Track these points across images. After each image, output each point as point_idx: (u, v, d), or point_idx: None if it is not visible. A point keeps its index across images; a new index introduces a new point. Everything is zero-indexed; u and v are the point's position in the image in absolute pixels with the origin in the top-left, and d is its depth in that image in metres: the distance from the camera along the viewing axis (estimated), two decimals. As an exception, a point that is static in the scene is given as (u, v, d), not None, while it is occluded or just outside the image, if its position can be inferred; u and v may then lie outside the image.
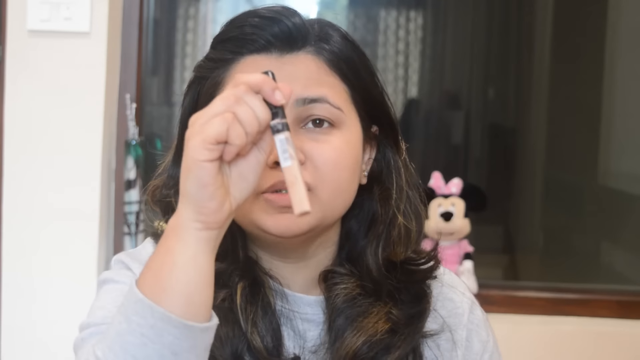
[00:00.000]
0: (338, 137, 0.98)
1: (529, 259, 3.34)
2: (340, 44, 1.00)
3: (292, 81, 0.95)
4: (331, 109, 0.97)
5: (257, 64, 0.97)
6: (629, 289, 2.75)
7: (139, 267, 1.01)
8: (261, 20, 0.97)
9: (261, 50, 0.97)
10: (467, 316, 1.09)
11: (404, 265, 1.05)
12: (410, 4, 3.41)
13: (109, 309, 0.97)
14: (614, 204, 3.17)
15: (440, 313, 1.07)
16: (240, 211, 0.98)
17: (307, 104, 0.96)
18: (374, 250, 1.04)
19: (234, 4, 3.46)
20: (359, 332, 0.98)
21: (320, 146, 0.97)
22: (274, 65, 0.96)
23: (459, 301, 1.10)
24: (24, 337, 2.35)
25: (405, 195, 1.06)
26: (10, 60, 2.33)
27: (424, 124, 3.33)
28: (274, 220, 0.96)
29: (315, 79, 0.97)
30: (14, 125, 2.34)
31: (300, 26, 0.98)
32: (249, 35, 0.97)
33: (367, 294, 1.01)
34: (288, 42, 0.97)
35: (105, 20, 2.33)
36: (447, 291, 1.10)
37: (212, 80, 1.00)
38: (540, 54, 3.33)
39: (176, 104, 3.30)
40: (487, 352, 1.10)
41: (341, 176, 0.98)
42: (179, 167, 1.02)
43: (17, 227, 2.35)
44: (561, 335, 2.51)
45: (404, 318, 1.01)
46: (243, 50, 0.98)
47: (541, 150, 3.31)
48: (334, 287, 1.02)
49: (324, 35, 1.00)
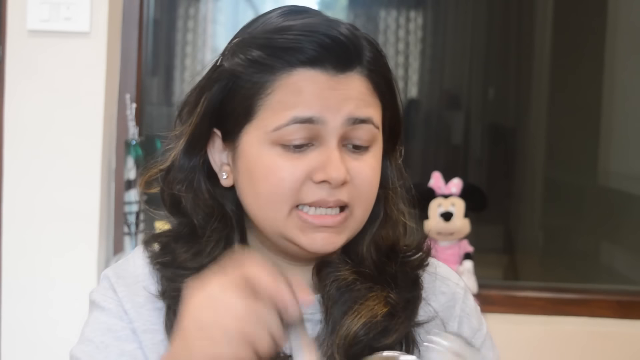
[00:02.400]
0: (372, 156, 1.00)
1: (529, 259, 3.34)
2: (379, 61, 1.01)
3: (346, 101, 0.96)
4: (373, 130, 0.99)
5: (313, 80, 0.96)
6: (629, 289, 2.75)
7: (125, 290, 1.02)
8: (308, 32, 0.96)
9: (314, 62, 0.96)
10: (460, 306, 1.10)
11: (398, 255, 1.06)
12: (410, 4, 3.41)
13: (96, 344, 1.00)
14: (614, 204, 3.17)
15: (433, 306, 1.07)
16: (271, 224, 0.99)
17: (356, 123, 0.97)
18: (371, 239, 1.05)
19: (234, 4, 3.46)
20: (358, 315, 0.98)
21: (359, 165, 0.98)
22: (329, 83, 0.96)
23: (451, 293, 1.10)
24: (24, 337, 2.35)
25: (399, 194, 1.08)
26: (10, 60, 2.33)
27: (424, 124, 3.33)
28: (309, 238, 0.98)
29: (365, 100, 0.98)
30: (14, 125, 2.34)
31: (351, 38, 0.97)
32: (298, 46, 0.96)
33: (363, 279, 1.02)
34: (341, 56, 0.97)
35: (105, 20, 2.33)
36: (439, 284, 1.10)
37: (254, 85, 0.97)
38: (540, 54, 3.33)
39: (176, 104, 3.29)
40: (478, 340, 1.10)
41: (374, 193, 1.01)
42: (192, 159, 1.03)
43: (17, 227, 2.35)
44: (561, 335, 2.51)
45: (402, 301, 1.02)
46: (293, 60, 0.96)
47: (541, 150, 3.31)
48: (328, 276, 1.02)
49: (369, 52, 0.99)
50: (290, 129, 0.95)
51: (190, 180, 1.04)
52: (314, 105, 0.95)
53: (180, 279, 1.00)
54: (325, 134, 0.96)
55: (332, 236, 0.98)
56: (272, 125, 0.96)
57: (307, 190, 0.96)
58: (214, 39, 3.38)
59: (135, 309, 1.01)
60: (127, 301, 1.01)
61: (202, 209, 1.03)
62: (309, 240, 0.98)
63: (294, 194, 0.96)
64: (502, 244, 3.37)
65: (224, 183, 1.03)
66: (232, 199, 1.03)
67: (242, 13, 3.47)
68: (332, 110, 0.96)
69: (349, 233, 1.00)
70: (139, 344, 0.99)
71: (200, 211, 1.03)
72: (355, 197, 0.98)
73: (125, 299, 1.01)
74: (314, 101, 0.95)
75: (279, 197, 0.96)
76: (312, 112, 0.95)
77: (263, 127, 0.97)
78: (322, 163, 0.96)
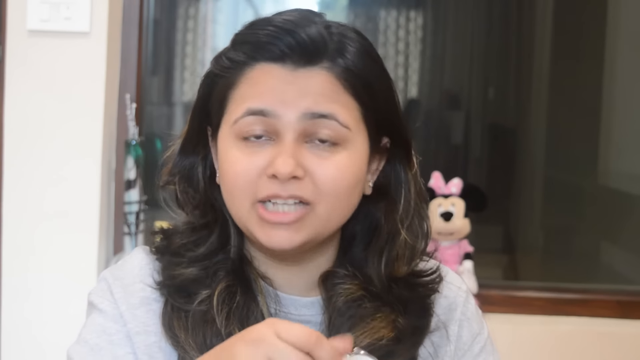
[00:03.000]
0: (342, 156, 0.97)
1: (529, 259, 3.34)
2: (358, 60, 0.98)
3: (304, 96, 0.95)
4: (338, 128, 0.96)
5: (271, 74, 0.96)
6: (629, 289, 2.75)
7: (122, 291, 1.03)
8: (277, 30, 0.96)
9: (276, 59, 0.96)
10: (460, 309, 1.09)
11: (407, 280, 1.04)
12: (410, 4, 3.41)
13: (90, 346, 1.00)
14: (614, 204, 3.17)
15: (436, 312, 1.06)
16: (238, 218, 1.00)
17: (315, 118, 0.96)
18: (376, 264, 1.03)
19: (234, 4, 3.46)
20: (363, 334, 0.98)
21: (322, 163, 0.96)
22: (287, 78, 0.96)
23: (453, 297, 1.09)
24: (24, 337, 2.35)
25: (412, 210, 1.05)
26: (10, 60, 2.33)
27: (424, 124, 3.33)
28: (266, 234, 0.97)
29: (327, 95, 0.96)
30: (14, 125, 2.34)
31: (317, 39, 0.96)
32: (265, 44, 0.96)
33: (371, 297, 1.01)
34: (304, 55, 0.96)
35: (105, 20, 2.33)
36: (443, 289, 1.09)
37: (225, 80, 1.00)
38: (540, 54, 3.33)
39: (176, 104, 3.30)
40: (478, 344, 1.09)
41: (340, 193, 0.97)
42: (187, 157, 1.05)
43: (17, 227, 2.34)
44: (561, 335, 2.51)
45: (409, 328, 1.00)
46: (257, 56, 0.97)
47: (541, 150, 3.31)
48: (335, 287, 1.01)
49: (342, 50, 0.98)
50: (245, 121, 0.96)
51: (182, 174, 1.05)
52: (266, 98, 0.96)
53: (175, 267, 1.01)
54: (281, 128, 0.96)
55: (289, 234, 0.97)
56: (233, 118, 0.98)
57: (262, 185, 0.96)
58: (214, 39, 3.38)
59: (130, 310, 1.01)
60: (123, 303, 1.02)
61: (191, 201, 1.05)
62: (265, 236, 0.97)
63: (250, 187, 0.96)
64: (502, 244, 3.36)
65: (218, 181, 1.03)
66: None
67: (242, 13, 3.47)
68: (287, 104, 0.95)
69: (309, 231, 0.97)
70: (131, 348, 1.00)
71: (189, 203, 1.05)
72: (315, 194, 0.96)
73: (120, 300, 1.02)
74: (267, 93, 0.96)
75: (238, 191, 0.97)
76: (264, 105, 0.96)
77: (229, 120, 0.99)
78: (274, 157, 0.95)
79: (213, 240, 1.03)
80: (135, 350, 1.00)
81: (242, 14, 3.45)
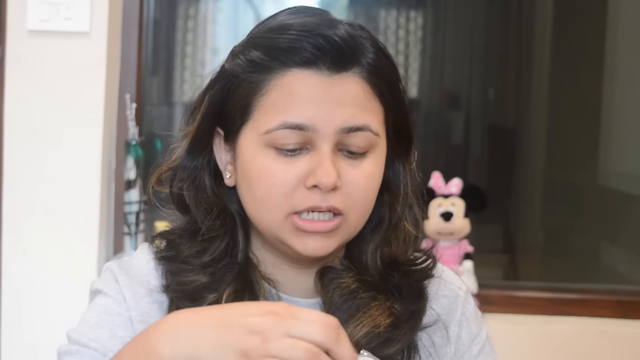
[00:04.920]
0: (371, 162, 0.98)
1: (529, 259, 3.34)
2: (379, 60, 0.99)
3: (340, 107, 0.95)
4: (371, 137, 0.97)
5: (306, 83, 0.95)
6: (629, 289, 2.75)
7: (127, 279, 1.03)
8: (303, 32, 0.95)
9: (309, 64, 0.95)
10: (460, 310, 1.10)
11: (403, 266, 1.05)
12: (410, 4, 3.41)
13: (89, 324, 1.00)
14: (614, 204, 3.17)
15: (435, 309, 1.07)
16: (267, 226, 0.99)
17: (351, 132, 0.96)
18: (374, 248, 1.04)
19: (234, 4, 3.46)
20: (361, 324, 0.98)
21: (354, 172, 0.97)
22: (322, 86, 0.95)
23: (453, 297, 1.10)
24: (24, 337, 2.35)
25: (408, 202, 1.07)
26: (10, 60, 2.33)
27: (424, 124, 3.33)
28: (302, 242, 0.97)
29: (361, 105, 0.97)
30: (14, 125, 2.34)
31: (347, 40, 0.96)
32: (294, 48, 0.95)
33: (367, 287, 1.01)
34: (337, 59, 0.95)
35: (105, 20, 2.33)
36: (443, 288, 1.10)
37: (250, 84, 0.97)
38: (540, 54, 3.33)
39: (176, 104, 3.30)
40: (477, 345, 1.09)
41: (369, 199, 1.00)
42: (195, 158, 1.03)
43: (17, 227, 2.35)
44: (561, 335, 2.51)
45: (406, 313, 1.01)
46: (287, 62, 0.95)
47: (541, 150, 3.31)
48: (331, 282, 1.02)
49: (365, 50, 0.97)
50: (280, 134, 0.95)
51: (193, 178, 1.04)
52: (304, 112, 0.94)
53: (184, 273, 1.00)
54: (318, 139, 0.95)
55: (324, 241, 0.97)
56: (264, 128, 0.96)
57: (300, 196, 0.95)
58: (214, 39, 3.38)
59: (135, 298, 1.01)
60: (128, 290, 1.02)
61: (203, 206, 1.03)
62: (302, 245, 0.97)
63: (287, 199, 0.96)
64: (502, 244, 3.36)
65: (227, 182, 1.03)
66: (236, 199, 1.03)
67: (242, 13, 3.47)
68: (324, 119, 0.94)
69: (341, 238, 0.99)
70: (132, 332, 0.99)
71: (201, 208, 1.03)
72: (348, 204, 0.97)
73: (125, 287, 1.02)
74: (304, 107, 0.94)
75: (273, 202, 0.96)
76: (302, 120, 0.94)
77: (257, 128, 0.97)
78: (313, 168, 0.95)
79: (221, 246, 1.02)
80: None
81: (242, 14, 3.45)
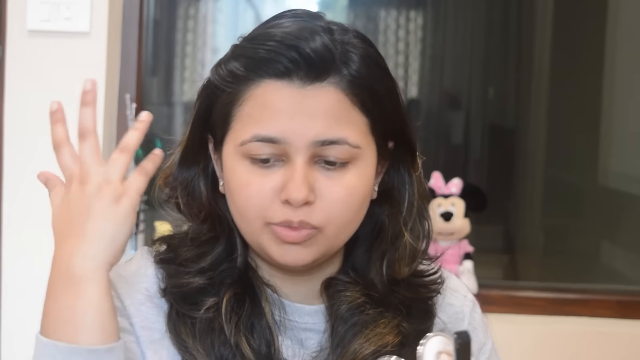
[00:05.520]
0: (351, 174, 0.95)
1: (529, 259, 3.34)
2: (363, 68, 0.95)
3: (313, 120, 0.92)
4: (349, 149, 0.94)
5: (278, 94, 0.93)
6: (629, 289, 2.75)
7: (126, 287, 1.02)
8: (279, 45, 0.93)
9: (281, 75, 0.93)
10: (468, 319, 1.09)
11: (409, 279, 1.04)
12: (410, 4, 3.41)
13: None
14: (614, 204, 3.17)
15: (442, 319, 1.06)
16: (249, 235, 0.98)
17: (325, 145, 0.93)
18: (379, 266, 1.02)
19: (234, 4, 3.46)
20: (368, 341, 0.97)
21: (332, 185, 0.94)
22: (295, 98, 0.93)
23: (459, 305, 1.09)
24: (24, 337, 2.34)
25: (415, 212, 1.04)
26: (10, 60, 2.33)
27: (424, 124, 3.33)
28: (280, 251, 0.96)
29: (337, 117, 0.93)
30: (14, 125, 2.34)
31: (322, 52, 0.93)
32: (267, 60, 0.93)
33: (374, 303, 1.00)
34: (310, 71, 0.93)
35: (105, 20, 2.33)
36: (449, 296, 1.09)
37: (229, 95, 0.97)
38: (540, 54, 3.33)
39: (176, 104, 3.30)
40: (484, 355, 1.09)
41: (350, 213, 0.96)
42: (188, 169, 1.03)
43: (17, 227, 2.35)
44: (561, 335, 2.51)
45: (414, 332, 1.00)
46: (261, 72, 0.94)
47: (541, 150, 3.31)
48: (337, 294, 1.01)
49: (347, 59, 0.94)
50: (253, 146, 0.94)
51: (185, 185, 1.03)
52: (276, 125, 0.93)
53: (181, 276, 1.00)
54: (291, 152, 0.93)
55: (300, 251, 0.96)
56: (240, 139, 0.95)
57: (275, 209, 0.94)
58: (214, 39, 3.39)
59: (135, 305, 1.01)
60: (127, 297, 1.01)
61: (195, 212, 1.03)
62: (280, 253, 0.96)
63: (262, 210, 0.95)
64: (502, 244, 3.37)
65: (221, 190, 1.02)
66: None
67: (242, 13, 3.47)
68: (296, 133, 0.92)
69: (319, 249, 0.97)
70: (135, 337, 0.99)
71: (193, 214, 1.03)
72: (323, 218, 0.94)
73: (124, 295, 1.01)
74: (276, 120, 0.93)
75: (250, 212, 0.95)
76: (273, 133, 0.93)
77: (235, 139, 0.96)
78: (286, 181, 0.93)
79: (219, 251, 1.02)
80: (140, 343, 0.99)
81: (242, 14, 3.46)
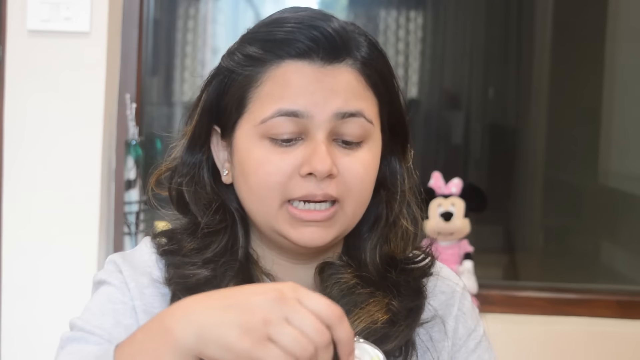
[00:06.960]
0: (366, 152, 0.99)
1: (529, 259, 3.34)
2: (372, 53, 1.00)
3: (334, 95, 0.96)
4: (365, 124, 0.98)
5: (300, 72, 0.96)
6: (629, 289, 2.75)
7: (131, 270, 1.03)
8: (299, 25, 0.97)
9: (303, 55, 0.97)
10: (457, 305, 1.10)
11: (402, 264, 1.06)
12: (410, 4, 3.42)
13: (93, 312, 1.00)
14: (614, 204, 3.17)
15: (433, 305, 1.07)
16: (263, 218, 1.00)
17: (345, 117, 0.97)
18: (373, 246, 1.05)
19: (234, 4, 3.46)
20: (358, 319, 0.99)
21: (350, 160, 0.98)
22: (316, 76, 0.96)
23: (450, 292, 1.11)
24: (24, 337, 2.35)
25: (405, 199, 1.07)
26: (10, 60, 2.33)
27: (424, 124, 3.33)
28: (298, 232, 0.98)
29: (355, 92, 0.98)
30: (14, 125, 2.34)
31: (341, 32, 0.98)
32: (289, 40, 0.97)
33: (365, 283, 1.02)
34: (330, 50, 0.97)
35: (105, 20, 2.33)
36: (440, 284, 1.11)
37: (245, 77, 0.99)
38: (540, 54, 3.33)
39: (176, 104, 3.30)
40: (474, 340, 1.10)
41: (366, 190, 1.00)
42: (194, 155, 1.04)
43: (17, 227, 2.34)
44: (561, 335, 2.51)
45: (403, 310, 1.02)
46: (282, 53, 0.97)
47: (541, 150, 3.31)
48: (330, 277, 1.02)
49: (358, 44, 0.99)
50: (275, 122, 0.96)
51: (192, 175, 1.05)
52: (299, 99, 0.96)
53: (186, 267, 1.01)
54: (312, 127, 0.96)
55: (320, 230, 0.98)
56: (259, 118, 0.97)
57: (295, 185, 0.96)
58: (214, 39, 3.39)
59: (139, 288, 1.02)
60: (131, 280, 1.02)
61: (202, 202, 1.04)
62: (298, 234, 0.98)
63: (282, 188, 0.97)
64: (502, 244, 3.37)
65: (225, 180, 1.04)
66: (235, 197, 1.04)
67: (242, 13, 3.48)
68: (318, 105, 0.96)
69: (339, 228, 1.00)
70: (136, 321, 1.00)
71: (200, 204, 1.04)
72: (344, 192, 0.98)
73: (129, 277, 1.02)
74: (299, 94, 0.96)
75: (268, 191, 0.97)
76: (297, 106, 0.96)
77: (252, 119, 0.98)
78: (308, 156, 0.96)
79: (222, 243, 1.03)
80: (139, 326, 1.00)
81: (242, 14, 3.46)
